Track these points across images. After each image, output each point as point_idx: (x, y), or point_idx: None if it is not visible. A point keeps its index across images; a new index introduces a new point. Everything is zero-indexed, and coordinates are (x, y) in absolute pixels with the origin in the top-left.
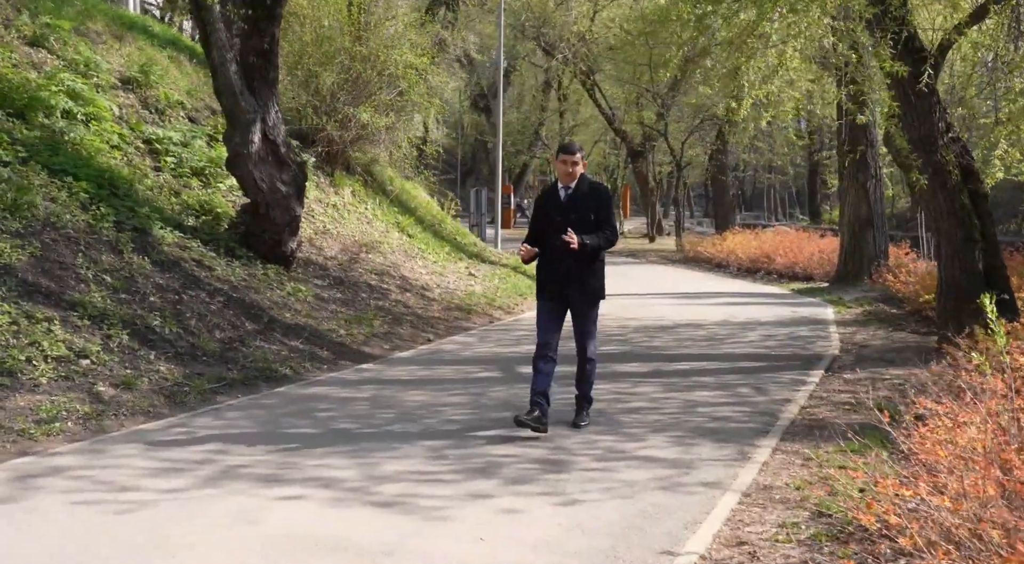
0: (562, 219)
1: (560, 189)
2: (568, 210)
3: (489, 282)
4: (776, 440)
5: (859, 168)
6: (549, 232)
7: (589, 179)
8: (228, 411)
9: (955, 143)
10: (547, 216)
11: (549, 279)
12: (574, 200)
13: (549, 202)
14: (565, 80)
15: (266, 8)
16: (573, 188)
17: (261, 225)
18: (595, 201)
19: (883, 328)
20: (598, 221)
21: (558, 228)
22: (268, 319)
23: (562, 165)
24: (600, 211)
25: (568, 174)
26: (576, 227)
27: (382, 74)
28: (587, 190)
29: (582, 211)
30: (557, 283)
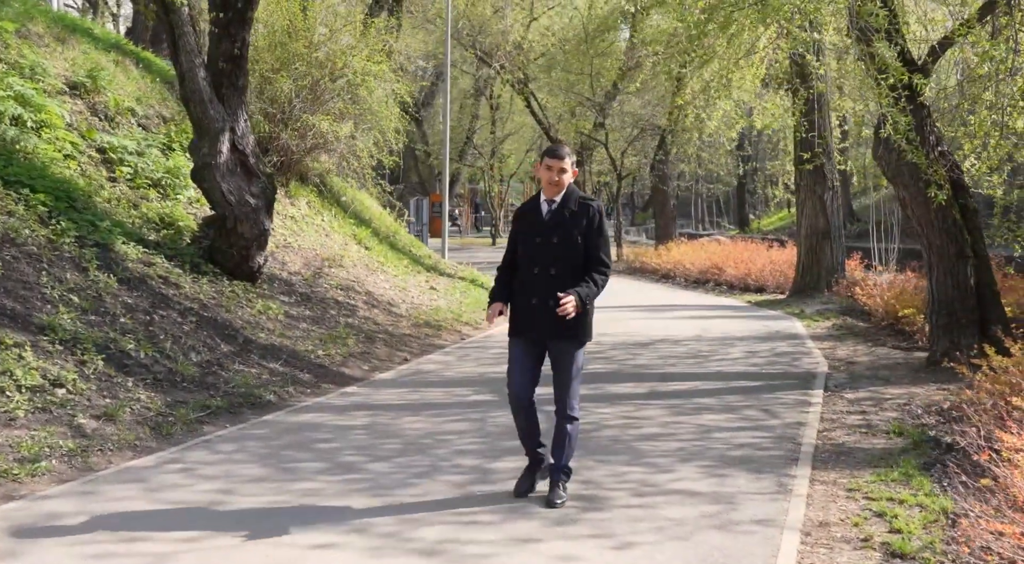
0: (542, 241)
1: (543, 203)
2: (551, 230)
3: (451, 296)
4: (808, 469)
5: (816, 180)
6: (525, 257)
7: (579, 193)
8: (220, 443)
9: (944, 157)
10: (524, 234)
11: (521, 314)
12: (559, 218)
13: (529, 218)
14: (497, 88)
15: (237, 11)
16: (559, 202)
17: (228, 239)
18: (584, 221)
19: (861, 343)
20: (587, 248)
21: (537, 252)
22: (243, 340)
23: (546, 172)
24: (590, 235)
25: (553, 184)
26: (559, 252)
27: (338, 81)
28: (575, 207)
29: (567, 232)
30: (532, 322)
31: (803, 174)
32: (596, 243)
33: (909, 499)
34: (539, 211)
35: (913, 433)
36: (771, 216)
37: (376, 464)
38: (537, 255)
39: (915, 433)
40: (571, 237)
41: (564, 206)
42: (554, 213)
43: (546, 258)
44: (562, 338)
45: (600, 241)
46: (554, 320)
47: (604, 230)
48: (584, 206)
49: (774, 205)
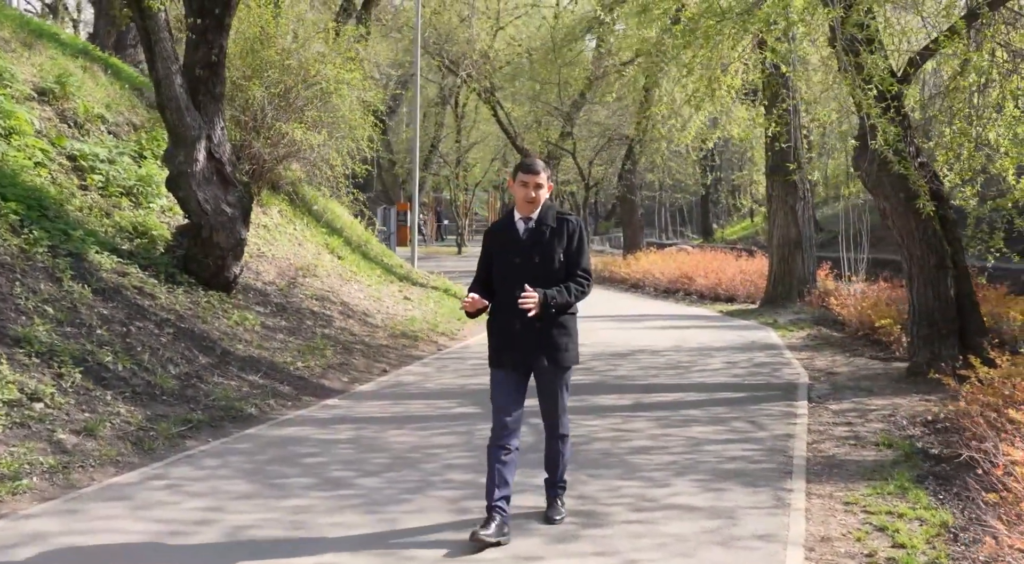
0: (521, 262)
1: (518, 221)
2: (529, 250)
3: (425, 306)
4: (804, 482)
5: (788, 190)
6: (500, 277)
7: (556, 208)
8: (204, 458)
9: (924, 168)
10: (499, 256)
11: (505, 343)
12: (537, 236)
13: (502, 237)
14: (463, 97)
15: (215, 17)
16: (536, 220)
17: (204, 249)
18: (565, 238)
19: (839, 353)
20: (568, 265)
21: (515, 273)
22: (221, 351)
23: (521, 188)
24: (571, 251)
25: (529, 201)
26: (539, 273)
27: (311, 88)
28: (554, 223)
29: (546, 251)
30: (515, 348)
31: (774, 184)
32: (576, 258)
33: (908, 513)
34: (515, 230)
35: (902, 445)
36: (734, 226)
37: (366, 479)
38: (516, 277)
39: (904, 445)
40: (552, 255)
41: (542, 223)
42: (532, 232)
43: (527, 279)
44: (550, 362)
45: (578, 255)
46: (541, 344)
47: (585, 247)
48: (563, 222)
49: (737, 215)
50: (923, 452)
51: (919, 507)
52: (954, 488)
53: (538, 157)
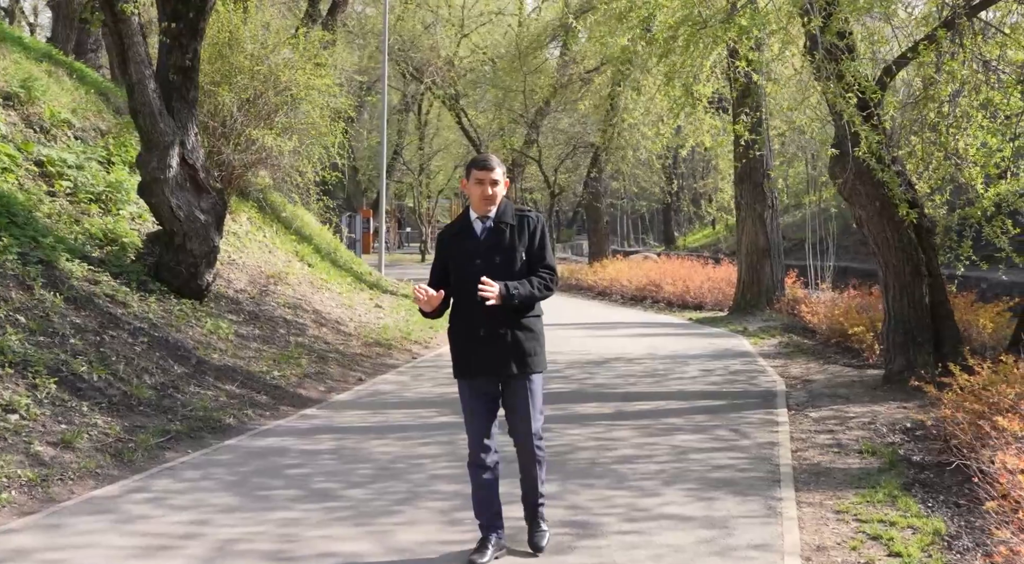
0: (482, 262)
1: (475, 221)
2: (489, 251)
3: (397, 314)
4: (792, 491)
5: (756, 199)
6: (460, 282)
7: (515, 206)
8: (185, 470)
9: (899, 176)
10: (457, 260)
11: (468, 349)
12: (497, 236)
13: (459, 240)
14: (426, 104)
15: (189, 21)
16: (494, 219)
17: (176, 256)
18: (526, 235)
19: (812, 360)
20: (531, 263)
21: (476, 277)
22: (196, 360)
23: (477, 187)
24: (533, 248)
25: (486, 198)
26: (501, 275)
27: (281, 94)
28: (514, 221)
29: (508, 251)
30: (480, 355)
31: (743, 192)
32: (539, 253)
33: (900, 521)
34: (471, 231)
35: (886, 453)
36: (696, 233)
37: (353, 490)
38: (477, 280)
39: (888, 453)
40: (514, 255)
41: (501, 222)
42: (491, 231)
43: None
44: (519, 368)
45: (541, 251)
46: (507, 350)
47: (548, 243)
48: (523, 219)
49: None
50: (906, 459)
51: (910, 515)
52: (940, 495)
53: (493, 154)
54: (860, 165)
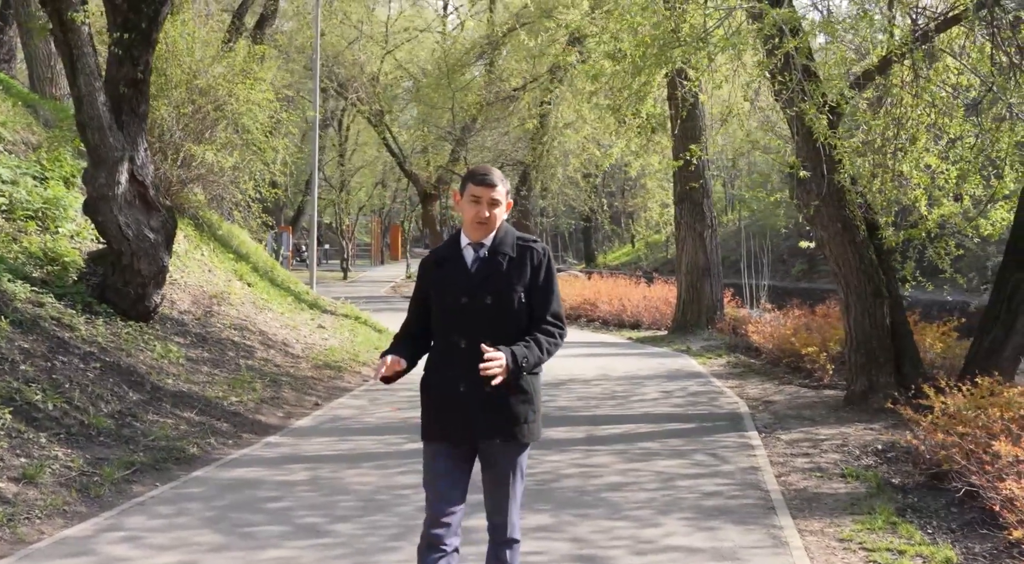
0: (470, 302)
1: (466, 248)
2: (481, 286)
3: (341, 334)
4: (790, 519)
5: (696, 218)
6: (445, 325)
7: (516, 232)
8: (157, 506)
9: (860, 197)
10: (440, 295)
11: (443, 408)
12: (491, 269)
13: (445, 270)
14: (346, 119)
15: (141, 32)
16: (490, 248)
17: (124, 277)
18: (528, 271)
19: (766, 381)
20: (533, 307)
21: (462, 318)
22: (151, 387)
23: (472, 206)
24: (537, 289)
25: (481, 222)
26: (493, 317)
27: (221, 109)
28: (513, 251)
29: (505, 288)
30: (458, 417)
31: (683, 211)
32: (544, 296)
33: (907, 549)
34: (461, 260)
35: (869, 477)
36: (616, 251)
37: (342, 525)
38: (463, 322)
39: (871, 477)
40: (510, 295)
41: (498, 252)
42: (485, 262)
43: (477, 326)
44: (505, 439)
45: (547, 293)
46: (493, 416)
47: (554, 282)
48: (525, 250)
49: (618, 241)
50: (888, 483)
51: (915, 543)
52: (932, 520)
53: (493, 168)
54: (822, 186)
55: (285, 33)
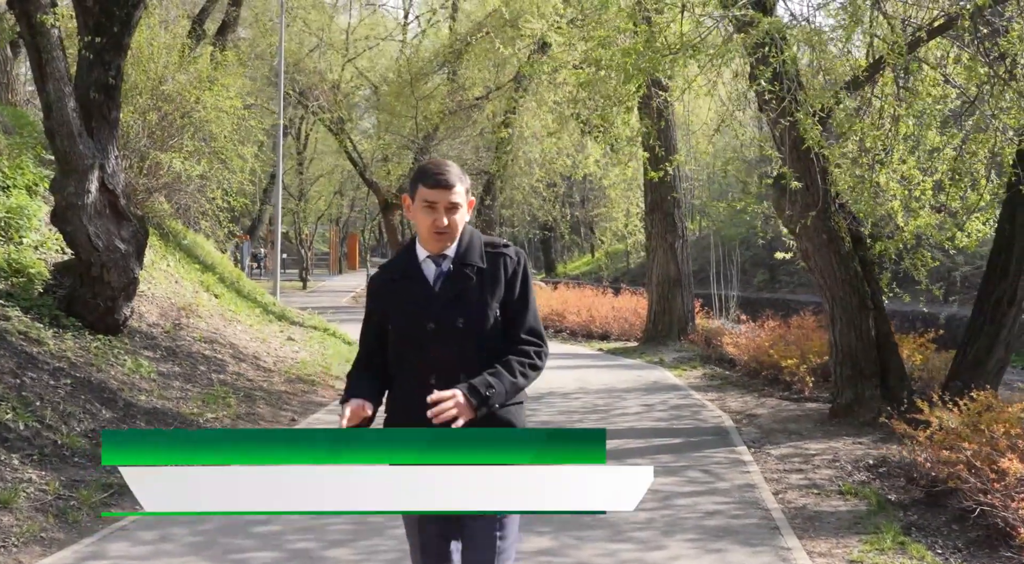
0: (436, 327)
1: (425, 262)
2: (447, 308)
3: (311, 347)
4: (796, 539)
5: (667, 229)
6: (407, 357)
7: (483, 237)
8: (139, 531)
9: (843, 209)
10: (399, 321)
11: None
12: (458, 285)
13: (402, 290)
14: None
15: (113, 36)
16: (454, 259)
17: (93, 289)
18: (501, 283)
19: (746, 394)
20: (508, 325)
21: (428, 347)
22: (124, 403)
23: (426, 213)
24: (512, 303)
25: (440, 232)
26: (465, 343)
27: (187, 116)
28: (483, 261)
29: (475, 307)
30: None
31: (654, 222)
32: (518, 310)
33: None
34: (421, 277)
35: (867, 494)
36: (576, 261)
37: (338, 551)
38: (431, 354)
39: (870, 494)
40: (483, 314)
41: (464, 264)
42: (450, 278)
43: (447, 357)
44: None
45: (522, 305)
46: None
47: (531, 294)
48: (497, 258)
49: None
50: (886, 500)
51: None
52: (938, 539)
53: (447, 162)
54: (817, 197)
55: (246, 40)
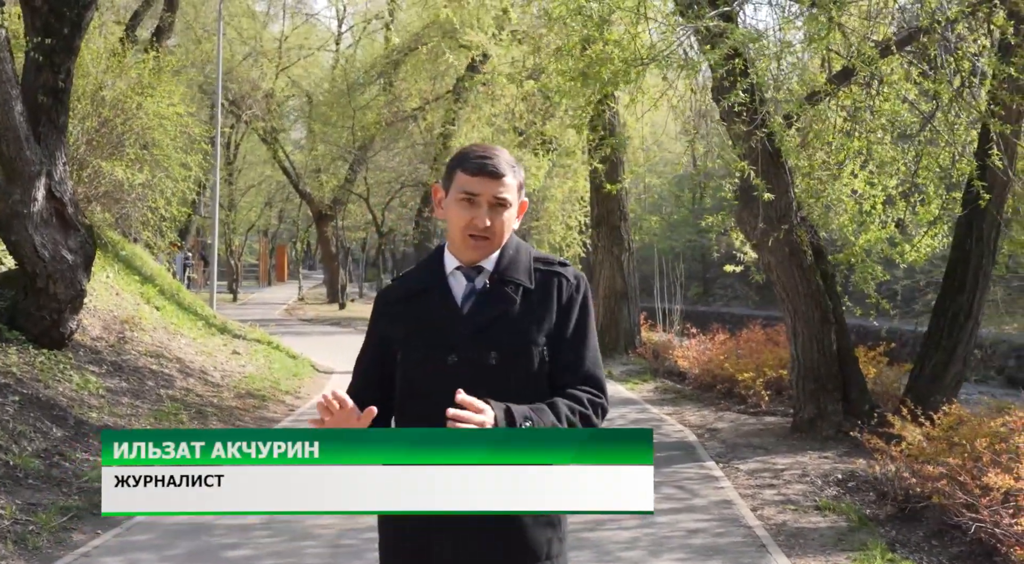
0: (462, 360)
1: (454, 275)
2: (479, 337)
3: (257, 361)
4: (785, 557)
5: (613, 242)
6: (419, 394)
7: (535, 251)
8: (104, 558)
9: (804, 222)
10: (414, 350)
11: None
12: (498, 307)
13: (425, 310)
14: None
15: (63, 38)
16: (493, 274)
17: (38, 301)
18: (552, 310)
19: (702, 408)
20: (558, 366)
21: (449, 386)
22: (75, 421)
23: (464, 209)
24: (564, 338)
25: (479, 236)
26: (499, 384)
27: (128, 122)
28: (531, 281)
29: (516, 338)
30: (443, 543)
31: (600, 235)
32: (577, 355)
33: None
34: (447, 293)
35: (844, 509)
36: None
37: None
38: (449, 400)
39: (847, 509)
40: (528, 350)
41: (506, 281)
42: (485, 297)
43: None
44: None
45: (585, 354)
46: (500, 547)
47: (591, 330)
48: (549, 279)
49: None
50: (870, 517)
51: None
52: (922, 555)
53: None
54: (777, 210)
55: (182, 47)
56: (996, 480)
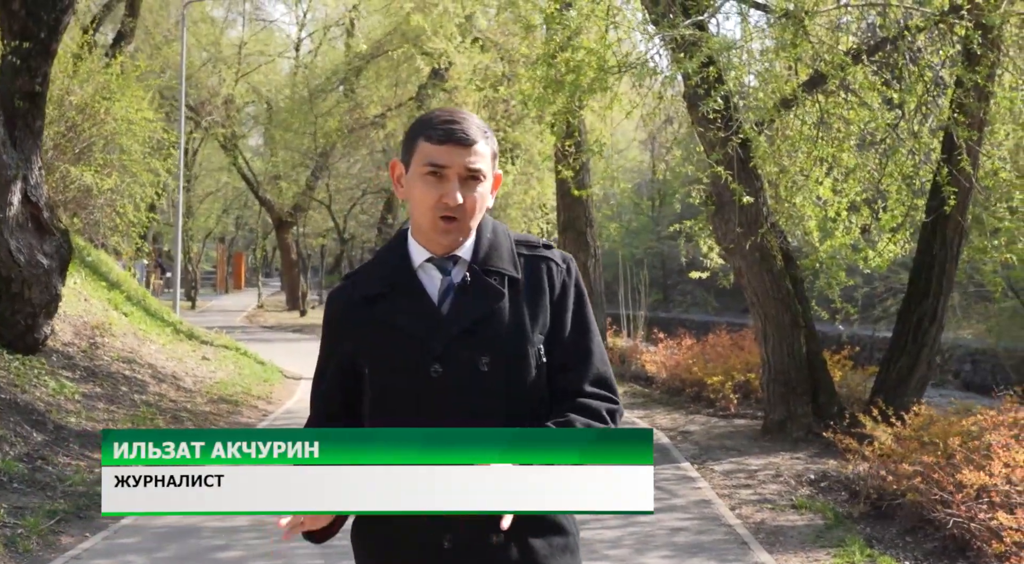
0: (446, 370)
1: (425, 266)
2: (466, 339)
3: (226, 367)
4: (767, 554)
5: (580, 248)
6: (397, 415)
7: (515, 234)
8: (94, 560)
9: (775, 228)
10: (387, 362)
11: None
12: (480, 302)
13: (389, 314)
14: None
15: (40, 41)
16: (474, 265)
17: (12, 305)
18: (544, 302)
19: (673, 411)
20: (559, 366)
21: (430, 401)
22: (54, 426)
23: (428, 184)
24: (562, 331)
25: (450, 217)
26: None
27: (96, 127)
28: (517, 269)
29: (512, 338)
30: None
31: (567, 241)
32: (580, 352)
33: None
34: (418, 291)
35: (820, 507)
36: None
37: None
38: (436, 413)
39: (823, 507)
40: (521, 351)
41: (489, 270)
42: (465, 292)
43: (463, 423)
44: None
45: (590, 349)
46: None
47: (591, 320)
48: (537, 265)
49: None
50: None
51: None
52: (898, 551)
53: (464, 111)
54: (751, 215)
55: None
56: (970, 477)
